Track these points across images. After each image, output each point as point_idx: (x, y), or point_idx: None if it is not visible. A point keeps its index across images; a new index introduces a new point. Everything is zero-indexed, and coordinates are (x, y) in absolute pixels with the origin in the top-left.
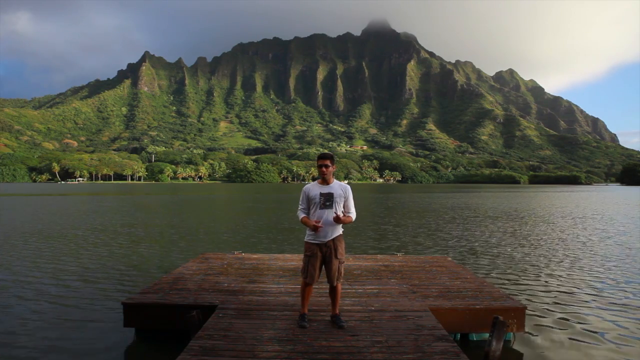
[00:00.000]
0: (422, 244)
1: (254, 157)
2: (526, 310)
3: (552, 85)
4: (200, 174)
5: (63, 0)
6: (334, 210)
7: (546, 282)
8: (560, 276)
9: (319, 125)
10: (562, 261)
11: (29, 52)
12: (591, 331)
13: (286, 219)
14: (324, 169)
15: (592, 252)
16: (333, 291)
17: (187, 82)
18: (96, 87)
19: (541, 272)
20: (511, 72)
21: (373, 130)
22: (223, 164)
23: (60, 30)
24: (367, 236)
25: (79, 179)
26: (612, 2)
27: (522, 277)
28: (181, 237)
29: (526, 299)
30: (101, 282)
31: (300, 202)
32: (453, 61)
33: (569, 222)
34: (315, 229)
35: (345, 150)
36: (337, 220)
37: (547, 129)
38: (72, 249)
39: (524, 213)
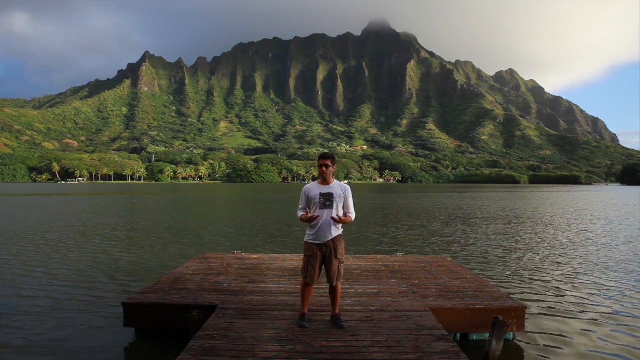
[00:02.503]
0: (422, 244)
1: (254, 157)
2: (526, 310)
3: (551, 85)
4: (200, 174)
5: (59, 2)
6: (334, 210)
7: (546, 282)
8: (561, 276)
9: (319, 125)
10: (562, 262)
11: (28, 53)
12: (591, 331)
13: (286, 219)
14: (324, 169)
15: (592, 253)
16: (333, 291)
17: (187, 82)
18: (96, 87)
19: (541, 273)
20: (511, 72)
21: (373, 130)
22: (223, 164)
23: (59, 31)
24: (367, 236)
25: (79, 179)
26: (609, 1)
27: (522, 277)
28: (181, 237)
29: (526, 299)
30: (101, 282)
31: (300, 202)
32: (453, 61)
33: (569, 223)
34: (312, 219)
35: (346, 150)
36: (336, 221)
37: (547, 129)
38: (71, 248)
39: (524, 214)
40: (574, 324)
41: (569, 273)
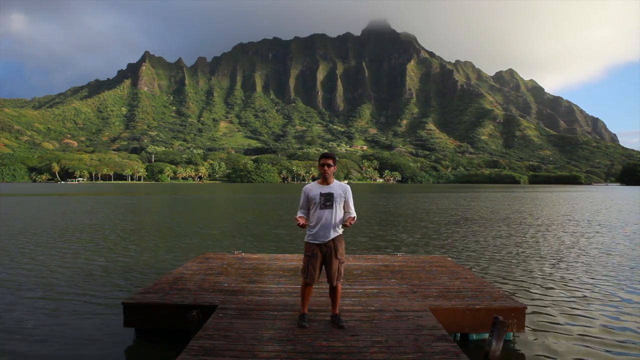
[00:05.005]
0: (422, 244)
1: (254, 157)
2: (526, 310)
3: (550, 85)
4: (200, 174)
5: (55, 3)
6: (334, 210)
7: (546, 282)
8: (560, 276)
9: (319, 125)
10: (562, 262)
11: (27, 53)
12: (591, 331)
13: (286, 219)
14: (326, 168)
15: (592, 254)
16: (333, 291)
17: (187, 82)
18: (96, 87)
19: (541, 273)
20: (511, 72)
21: (373, 130)
22: (223, 164)
23: (56, 32)
24: (367, 236)
25: (79, 179)
26: (607, 1)
27: (522, 277)
28: (181, 237)
29: (526, 299)
30: (101, 282)
31: (300, 203)
32: (453, 61)
33: (569, 224)
34: (301, 226)
35: (345, 150)
36: (347, 226)
37: (547, 129)
38: (72, 248)
39: (524, 215)
40: (574, 324)
41: (569, 273)
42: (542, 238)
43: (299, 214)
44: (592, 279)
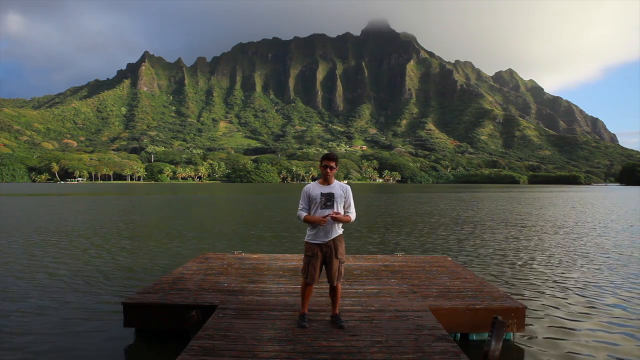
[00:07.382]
0: (422, 244)
1: (253, 157)
2: (526, 310)
3: (549, 85)
4: (199, 174)
5: (52, 3)
6: (335, 210)
7: (546, 282)
8: (560, 277)
9: (319, 125)
10: (562, 262)
11: (26, 54)
12: (591, 331)
13: (286, 219)
14: (328, 170)
15: (592, 254)
16: (333, 291)
17: (186, 82)
18: (96, 87)
19: (541, 273)
20: (511, 72)
21: (373, 130)
22: (223, 164)
23: (55, 33)
24: (367, 236)
25: (79, 179)
26: (606, 1)
27: (522, 277)
28: (181, 237)
29: (526, 299)
30: (101, 282)
31: (300, 202)
32: (453, 61)
33: (569, 224)
34: (322, 222)
35: (345, 150)
36: (336, 219)
37: (547, 129)
38: (72, 248)
39: (523, 215)
40: (574, 325)
41: (569, 274)
42: (542, 238)
43: (302, 213)
44: (592, 279)
